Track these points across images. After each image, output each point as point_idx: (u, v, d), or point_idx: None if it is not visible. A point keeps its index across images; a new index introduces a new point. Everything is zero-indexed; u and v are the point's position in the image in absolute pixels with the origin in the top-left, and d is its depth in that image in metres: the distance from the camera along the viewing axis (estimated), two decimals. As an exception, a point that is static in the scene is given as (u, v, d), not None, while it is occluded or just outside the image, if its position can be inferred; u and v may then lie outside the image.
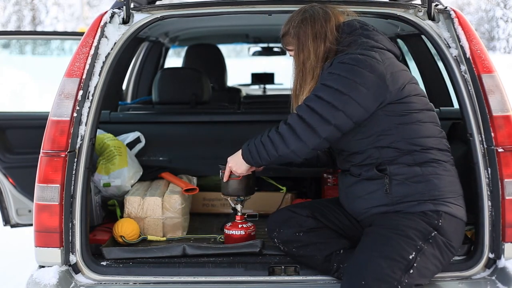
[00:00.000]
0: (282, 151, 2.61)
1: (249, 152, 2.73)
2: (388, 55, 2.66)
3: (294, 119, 2.60)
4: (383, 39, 2.72)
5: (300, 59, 2.74)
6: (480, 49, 2.80)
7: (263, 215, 3.23)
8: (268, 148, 2.65)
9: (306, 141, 2.57)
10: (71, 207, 2.73)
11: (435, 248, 2.54)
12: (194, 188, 3.49)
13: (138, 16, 2.95)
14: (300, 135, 2.57)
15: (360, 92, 2.54)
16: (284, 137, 2.60)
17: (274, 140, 2.63)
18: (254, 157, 2.71)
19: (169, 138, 3.91)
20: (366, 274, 2.45)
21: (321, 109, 2.55)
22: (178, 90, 4.28)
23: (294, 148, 2.59)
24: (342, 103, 2.54)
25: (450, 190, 2.62)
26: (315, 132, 2.56)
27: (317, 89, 2.60)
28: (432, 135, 2.66)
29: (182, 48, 7.18)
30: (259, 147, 2.68)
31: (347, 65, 2.57)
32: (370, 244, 2.57)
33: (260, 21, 4.68)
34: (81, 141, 2.77)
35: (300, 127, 2.57)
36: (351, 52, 2.61)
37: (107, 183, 3.49)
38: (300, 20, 2.74)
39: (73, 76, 2.79)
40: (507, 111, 2.74)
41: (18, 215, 4.41)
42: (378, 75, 2.56)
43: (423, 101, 2.69)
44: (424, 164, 2.60)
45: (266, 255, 2.91)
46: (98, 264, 2.80)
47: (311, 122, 2.56)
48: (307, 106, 2.59)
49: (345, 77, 2.55)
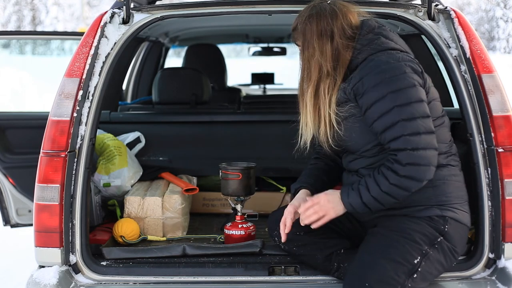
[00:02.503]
0: (403, 195, 2.50)
1: (353, 208, 2.56)
2: (410, 55, 2.64)
3: (407, 156, 2.44)
4: (401, 41, 2.69)
5: (305, 56, 2.65)
6: (480, 49, 2.80)
7: (263, 215, 3.23)
8: (385, 201, 2.52)
9: (428, 164, 2.47)
10: (71, 207, 2.73)
11: (440, 253, 2.53)
12: (194, 188, 3.49)
13: (138, 16, 2.95)
14: (424, 163, 2.45)
15: (423, 92, 2.53)
16: (409, 180, 2.46)
17: (392, 192, 2.49)
18: (361, 211, 2.56)
19: (169, 138, 3.91)
20: (369, 275, 2.44)
21: (420, 127, 2.47)
22: (178, 90, 4.28)
23: (424, 182, 2.49)
24: (424, 109, 2.49)
25: (457, 195, 2.61)
26: (432, 149, 2.47)
27: (398, 113, 2.47)
28: (445, 140, 2.65)
29: (182, 48, 7.18)
30: (371, 203, 2.52)
31: (396, 77, 2.49)
32: (375, 245, 2.56)
33: (260, 21, 4.68)
34: (81, 141, 2.77)
35: (419, 157, 2.44)
36: (379, 59, 2.54)
37: (107, 183, 3.49)
38: (307, 16, 2.65)
39: (73, 76, 2.79)
40: (507, 111, 2.74)
41: (18, 215, 4.41)
42: (419, 73, 2.56)
43: (440, 107, 2.68)
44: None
45: (266, 255, 2.91)
46: (98, 264, 2.80)
47: (424, 145, 2.45)
48: (410, 135, 2.46)
49: (407, 88, 2.48)
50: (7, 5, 36.96)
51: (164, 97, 4.28)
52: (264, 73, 8.33)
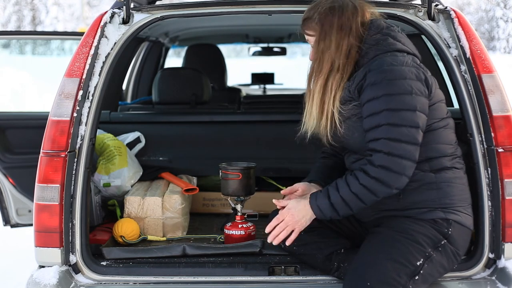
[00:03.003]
0: (371, 199, 2.50)
1: (320, 211, 2.56)
2: (416, 59, 2.63)
3: (380, 158, 2.45)
4: (409, 42, 2.68)
5: (319, 47, 2.62)
6: (480, 49, 2.80)
7: (263, 215, 3.23)
8: (353, 204, 2.50)
9: (401, 172, 2.45)
10: (71, 207, 2.73)
11: (443, 256, 2.53)
12: (194, 188, 3.49)
13: (138, 16, 2.95)
14: (396, 170, 2.44)
15: (422, 101, 2.50)
16: (379, 182, 2.46)
17: (360, 194, 2.48)
18: (329, 215, 2.56)
19: (169, 138, 3.91)
20: (371, 275, 2.44)
21: (403, 135, 2.45)
22: (178, 90, 4.28)
23: (393, 189, 2.48)
24: (414, 119, 2.47)
25: (461, 198, 2.61)
26: (409, 160, 2.46)
27: (386, 116, 2.46)
28: (450, 142, 2.64)
29: (182, 48, 7.18)
30: (338, 204, 2.51)
31: (395, 81, 2.48)
32: (377, 245, 2.55)
33: (260, 21, 4.68)
34: (81, 141, 2.77)
35: (392, 162, 2.44)
36: (384, 59, 2.53)
37: (107, 183, 3.49)
38: (329, 8, 2.61)
39: (73, 76, 2.79)
40: (507, 111, 2.73)
41: (18, 215, 4.41)
42: (422, 81, 2.53)
43: (445, 108, 2.67)
44: (439, 171, 2.58)
45: (266, 255, 2.91)
46: (98, 264, 2.80)
47: (401, 153, 2.44)
48: (389, 139, 2.45)
49: (404, 94, 2.47)
50: (7, 5, 36.95)
51: (164, 97, 4.28)
52: (264, 73, 8.33)
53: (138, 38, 4.88)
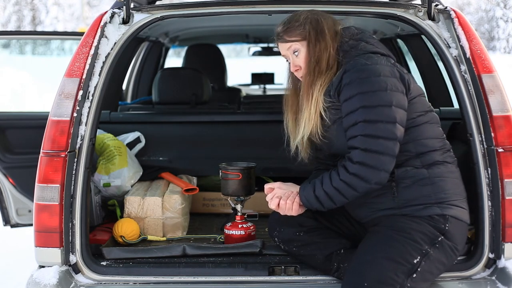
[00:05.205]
0: (352, 194, 2.55)
1: (307, 202, 2.63)
2: (390, 59, 2.66)
3: (358, 155, 2.49)
4: (381, 45, 2.73)
5: (316, 48, 2.64)
6: (480, 49, 2.80)
7: (263, 215, 3.23)
8: (336, 198, 2.57)
9: (379, 168, 2.49)
10: (71, 207, 2.73)
11: (441, 252, 2.53)
12: (194, 188, 3.49)
13: (138, 16, 2.95)
14: (373, 166, 2.48)
15: (398, 97, 2.52)
16: (356, 178, 2.50)
17: (341, 189, 2.54)
18: (315, 206, 2.63)
19: (169, 138, 3.91)
20: (368, 275, 2.44)
21: (380, 131, 2.48)
22: (178, 90, 4.28)
23: (372, 184, 2.52)
24: (391, 114, 2.49)
25: (455, 192, 2.61)
26: (387, 155, 2.49)
27: (362, 113, 2.50)
28: (438, 136, 2.66)
29: (182, 48, 7.18)
30: (321, 197, 2.59)
31: (369, 79, 2.51)
32: (374, 244, 2.56)
33: (260, 21, 4.67)
34: (81, 141, 2.77)
35: (369, 158, 2.48)
36: (358, 60, 2.57)
37: (107, 183, 3.49)
38: (311, 13, 2.69)
39: (73, 76, 2.79)
40: (507, 111, 2.74)
41: (18, 215, 4.41)
42: (397, 78, 2.55)
43: (426, 102, 2.69)
44: (431, 166, 2.59)
45: (266, 255, 2.91)
46: (98, 264, 2.80)
47: (378, 149, 2.48)
48: (366, 135, 2.49)
49: (378, 91, 2.49)
50: (7, 5, 36.97)
51: (164, 97, 4.28)
52: (264, 73, 8.34)
53: (138, 38, 4.87)
